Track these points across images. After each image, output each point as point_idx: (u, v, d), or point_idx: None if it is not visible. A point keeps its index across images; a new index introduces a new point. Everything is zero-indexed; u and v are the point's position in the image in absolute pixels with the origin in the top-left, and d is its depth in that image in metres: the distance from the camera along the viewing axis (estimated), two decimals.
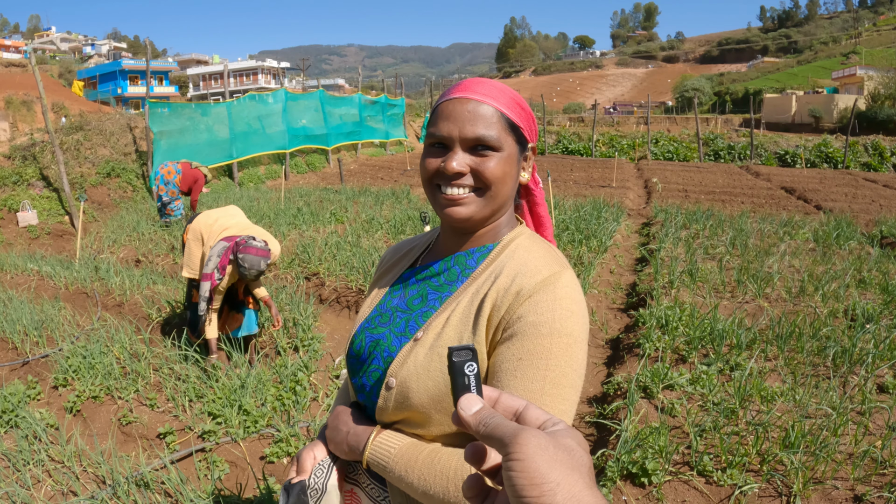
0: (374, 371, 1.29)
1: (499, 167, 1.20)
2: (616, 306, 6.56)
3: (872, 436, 3.40)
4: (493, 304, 1.16)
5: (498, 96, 1.22)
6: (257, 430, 3.96)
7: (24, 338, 5.47)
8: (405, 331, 1.27)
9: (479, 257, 1.28)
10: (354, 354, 1.36)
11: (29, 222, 11.73)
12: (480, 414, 0.63)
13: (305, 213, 10.84)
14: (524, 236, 1.30)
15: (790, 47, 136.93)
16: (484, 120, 1.19)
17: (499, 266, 1.23)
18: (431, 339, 1.20)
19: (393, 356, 1.25)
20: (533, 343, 1.10)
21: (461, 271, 1.29)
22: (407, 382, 1.19)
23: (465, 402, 0.65)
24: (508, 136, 1.22)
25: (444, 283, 1.29)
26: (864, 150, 26.15)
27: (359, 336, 1.36)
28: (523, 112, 1.26)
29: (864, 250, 8.13)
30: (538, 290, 1.13)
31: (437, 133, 1.21)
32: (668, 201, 13.30)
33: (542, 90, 69.42)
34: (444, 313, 1.23)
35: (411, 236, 1.61)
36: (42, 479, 3.50)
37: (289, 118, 18.44)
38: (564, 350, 1.10)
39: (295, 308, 5.87)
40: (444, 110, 1.21)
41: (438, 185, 1.23)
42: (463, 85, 1.24)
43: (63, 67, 49.21)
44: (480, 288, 1.21)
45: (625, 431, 3.38)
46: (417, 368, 1.18)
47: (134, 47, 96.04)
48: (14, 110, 24.68)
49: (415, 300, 1.31)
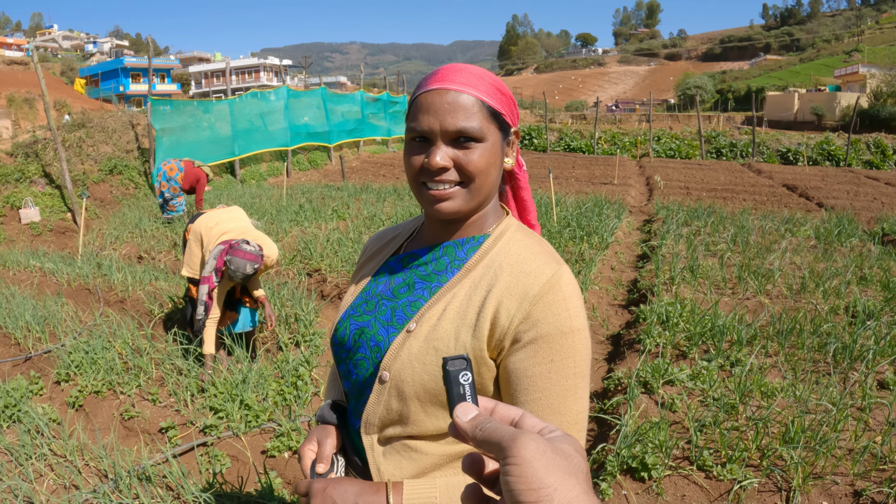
0: (360, 360, 1.27)
1: (482, 159, 1.17)
2: (617, 302, 6.57)
3: (872, 431, 3.41)
4: (498, 304, 1.14)
5: (477, 84, 1.18)
6: (259, 424, 3.97)
7: (27, 333, 5.49)
8: (392, 320, 1.25)
9: (468, 249, 1.26)
10: (339, 342, 1.33)
11: (31, 219, 11.75)
12: (476, 420, 0.63)
13: (307, 209, 10.85)
14: (513, 228, 1.28)
15: (793, 45, 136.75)
16: (465, 111, 1.15)
17: (494, 261, 1.21)
18: (426, 330, 1.18)
19: (379, 346, 1.23)
20: (559, 344, 1.12)
21: (450, 262, 1.26)
22: (401, 375, 1.17)
23: (460, 410, 0.65)
24: (490, 125, 1.18)
25: (431, 273, 1.27)
26: (866, 147, 26.10)
27: (343, 323, 1.33)
28: (503, 97, 1.23)
29: (865, 247, 8.13)
30: (547, 291, 1.13)
31: (418, 127, 1.18)
32: (669, 198, 13.30)
33: (545, 88, 69.38)
34: (438, 305, 1.20)
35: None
36: (44, 473, 3.51)
37: (291, 115, 18.44)
38: (583, 344, 1.14)
39: (297, 304, 5.88)
40: (423, 102, 1.18)
41: (424, 182, 1.20)
42: (440, 74, 1.20)
43: (65, 65, 49.20)
44: (478, 283, 1.19)
45: (625, 426, 3.38)
46: (412, 360, 1.16)
47: (136, 45, 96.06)
48: (16, 108, 24.72)
49: (401, 288, 1.29)
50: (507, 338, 1.13)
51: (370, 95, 24.90)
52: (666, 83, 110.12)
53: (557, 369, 1.12)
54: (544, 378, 1.12)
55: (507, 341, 1.14)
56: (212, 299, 4.69)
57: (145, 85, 42.44)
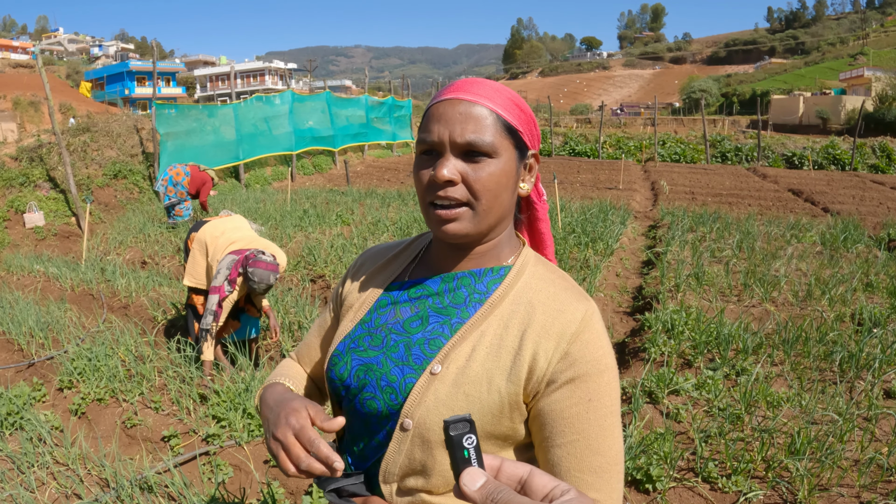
0: (368, 400, 1.17)
1: (492, 177, 1.09)
2: (622, 310, 6.54)
3: (879, 442, 3.38)
4: (536, 346, 1.08)
5: (493, 96, 1.11)
6: (261, 433, 3.95)
7: (30, 339, 5.49)
8: (407, 359, 1.15)
9: (489, 281, 1.18)
10: (337, 378, 1.22)
11: (35, 223, 11.78)
12: (486, 488, 0.61)
13: (311, 214, 10.85)
14: (533, 261, 1.21)
15: (797, 48, 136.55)
16: (477, 122, 1.08)
17: (521, 297, 1.14)
18: (454, 374, 1.09)
19: (393, 387, 1.14)
20: (596, 382, 1.08)
21: (469, 294, 1.17)
22: (426, 423, 1.08)
23: (467, 477, 0.62)
24: (505, 140, 1.11)
25: (449, 306, 1.17)
26: (872, 151, 26.02)
27: (343, 357, 1.22)
28: (523, 114, 1.15)
29: (871, 253, 8.09)
30: (583, 329, 1.09)
31: (427, 138, 1.10)
32: (674, 203, 13.26)
33: (549, 91, 69.28)
34: (465, 344, 1.12)
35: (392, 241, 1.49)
36: (46, 481, 3.50)
37: (295, 120, 18.48)
38: (616, 382, 1.11)
39: (300, 311, 5.87)
40: (435, 113, 1.11)
41: (432, 202, 1.12)
42: (455, 85, 1.14)
43: (71, 68, 49.44)
44: (508, 322, 1.12)
45: (630, 437, 3.36)
46: (439, 407, 1.08)
47: (141, 48, 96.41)
48: (22, 111, 24.83)
49: (412, 322, 1.19)
50: (544, 381, 1.08)
51: (375, 99, 24.92)
52: (671, 87, 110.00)
53: (595, 409, 1.07)
54: (582, 419, 1.07)
55: (543, 384, 1.08)
56: (221, 308, 4.68)
57: (150, 88, 42.58)
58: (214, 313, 4.66)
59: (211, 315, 4.66)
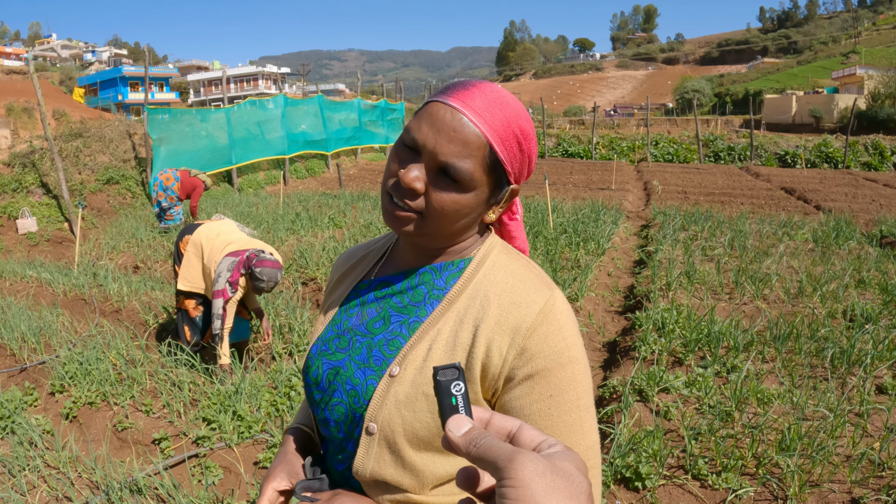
0: (337, 405, 1.15)
1: (455, 205, 1.05)
2: (613, 309, 6.55)
3: (870, 437, 3.39)
4: (489, 342, 1.04)
5: (498, 123, 1.04)
6: (251, 435, 3.95)
7: (23, 344, 5.47)
8: (368, 361, 1.12)
9: (448, 276, 1.14)
10: (312, 382, 1.20)
11: (28, 229, 11.74)
12: (470, 434, 0.59)
13: (304, 218, 10.84)
14: (497, 249, 1.16)
15: (790, 48, 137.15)
16: (465, 146, 1.02)
17: (479, 290, 1.09)
18: (411, 374, 1.06)
19: (357, 390, 1.11)
20: (557, 377, 1.03)
21: (428, 291, 1.14)
22: (390, 425, 1.06)
23: (453, 423, 0.61)
24: (484, 176, 1.05)
25: (409, 305, 1.14)
26: (865, 149, 26.10)
27: (315, 361, 1.20)
28: (520, 153, 1.08)
29: (863, 250, 8.11)
30: (541, 322, 1.04)
31: (413, 134, 1.05)
32: (667, 203, 13.28)
33: (543, 93, 69.28)
34: (422, 344, 1.08)
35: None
36: (37, 484, 3.49)
37: (288, 124, 18.43)
38: (583, 374, 1.06)
39: (291, 313, 5.86)
40: (433, 112, 1.04)
41: (391, 193, 1.08)
42: (468, 91, 1.06)
43: (64, 74, 49.25)
44: (463, 318, 1.08)
45: (619, 435, 3.36)
46: (400, 408, 1.05)
47: (135, 54, 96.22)
48: (15, 117, 24.72)
49: (375, 322, 1.16)
50: (501, 377, 1.04)
51: (368, 103, 24.89)
52: (664, 87, 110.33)
53: (557, 405, 1.03)
54: (544, 415, 1.03)
55: (500, 381, 1.05)
56: (226, 311, 4.67)
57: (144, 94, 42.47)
58: (221, 317, 4.66)
59: (218, 319, 4.66)
